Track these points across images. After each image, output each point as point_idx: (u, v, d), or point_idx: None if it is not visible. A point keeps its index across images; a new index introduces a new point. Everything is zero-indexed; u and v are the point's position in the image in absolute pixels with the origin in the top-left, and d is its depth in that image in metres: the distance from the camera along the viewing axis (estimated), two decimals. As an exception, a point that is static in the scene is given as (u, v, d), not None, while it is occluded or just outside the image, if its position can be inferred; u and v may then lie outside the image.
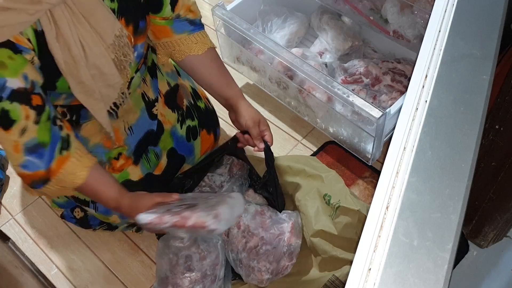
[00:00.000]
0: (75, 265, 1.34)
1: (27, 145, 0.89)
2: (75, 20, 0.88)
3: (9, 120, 0.85)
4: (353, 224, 1.18)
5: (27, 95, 0.86)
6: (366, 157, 1.39)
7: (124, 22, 0.99)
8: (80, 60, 0.92)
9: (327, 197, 1.23)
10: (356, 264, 0.55)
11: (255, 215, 1.19)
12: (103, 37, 0.94)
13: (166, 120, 1.27)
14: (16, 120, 0.85)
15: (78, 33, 0.89)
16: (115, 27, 0.95)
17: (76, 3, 0.87)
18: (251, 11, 1.64)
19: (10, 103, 0.84)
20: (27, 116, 0.86)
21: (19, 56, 0.83)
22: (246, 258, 1.15)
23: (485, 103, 0.65)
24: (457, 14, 0.77)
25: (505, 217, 1.10)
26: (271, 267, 1.14)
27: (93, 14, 0.90)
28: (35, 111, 0.88)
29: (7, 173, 1.53)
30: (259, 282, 1.16)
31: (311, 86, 1.37)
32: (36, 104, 0.88)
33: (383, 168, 0.63)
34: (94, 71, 0.96)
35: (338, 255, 1.17)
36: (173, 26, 1.11)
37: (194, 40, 1.14)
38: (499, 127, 0.94)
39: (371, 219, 0.58)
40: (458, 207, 0.57)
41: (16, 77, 0.83)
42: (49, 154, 0.92)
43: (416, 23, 1.34)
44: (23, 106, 0.85)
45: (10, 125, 0.86)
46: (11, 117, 0.85)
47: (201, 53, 1.14)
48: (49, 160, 0.92)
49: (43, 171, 0.92)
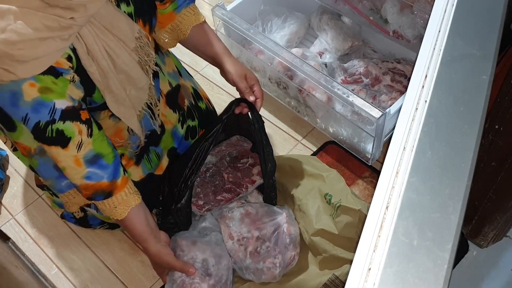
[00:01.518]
0: (75, 265, 1.34)
1: (86, 158, 0.94)
2: (100, 33, 0.92)
3: (65, 139, 0.90)
4: (354, 223, 1.18)
5: (76, 112, 0.91)
6: (366, 157, 1.39)
7: (142, 23, 1.03)
8: (108, 71, 0.96)
9: (328, 197, 1.23)
10: (356, 264, 0.55)
11: (242, 218, 1.19)
12: (126, 43, 0.98)
13: (168, 120, 1.27)
14: (71, 137, 0.91)
15: (104, 45, 0.93)
16: (134, 30, 0.99)
17: (97, 17, 0.91)
18: (251, 11, 1.64)
19: (63, 123, 0.89)
20: (80, 131, 0.92)
21: (60, 79, 0.87)
22: (252, 264, 1.15)
23: (485, 103, 0.65)
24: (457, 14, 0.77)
25: (505, 217, 1.10)
26: (278, 261, 1.14)
27: (114, 24, 0.94)
28: (86, 125, 0.93)
29: (7, 173, 1.53)
30: (273, 278, 1.16)
31: (311, 86, 1.37)
32: (85, 118, 0.93)
33: (383, 168, 0.63)
34: (122, 77, 1.00)
35: (339, 254, 1.17)
36: (176, 9, 1.14)
37: (192, 12, 1.16)
38: (498, 127, 0.94)
39: (371, 219, 0.58)
40: (458, 207, 0.57)
41: (63, 98, 0.88)
42: (113, 168, 0.98)
43: (416, 23, 1.34)
44: (74, 123, 0.90)
45: (67, 142, 0.91)
46: (67, 135, 0.90)
47: (202, 20, 1.17)
48: (112, 174, 0.98)
49: (107, 183, 0.97)
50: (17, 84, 0.82)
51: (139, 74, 1.04)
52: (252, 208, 1.21)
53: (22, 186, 1.51)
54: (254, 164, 1.30)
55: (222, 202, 1.25)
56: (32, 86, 0.83)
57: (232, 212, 1.20)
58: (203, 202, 1.25)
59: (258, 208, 1.21)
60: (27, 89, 0.83)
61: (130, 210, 1.02)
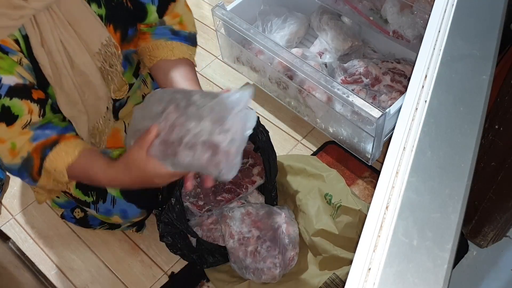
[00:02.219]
0: (75, 265, 1.34)
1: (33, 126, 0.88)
2: (60, 26, 0.87)
3: (12, 116, 0.85)
4: (354, 223, 1.18)
5: (27, 90, 0.86)
6: (366, 157, 1.39)
7: (112, 29, 0.98)
8: (62, 68, 0.90)
9: (328, 197, 1.23)
10: (356, 264, 0.55)
11: (243, 218, 1.19)
12: (89, 45, 0.93)
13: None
14: (19, 115, 0.85)
15: (63, 39, 0.89)
16: (103, 35, 0.94)
17: (62, 9, 0.86)
18: (251, 11, 1.64)
19: (9, 99, 0.84)
20: (30, 110, 0.86)
21: (6, 57, 0.83)
22: (252, 263, 1.15)
23: (485, 103, 0.65)
24: (456, 14, 0.77)
25: (504, 217, 1.10)
26: (278, 261, 1.15)
27: (80, 21, 0.89)
28: (38, 105, 0.87)
29: (7, 173, 1.54)
30: (273, 278, 1.16)
31: (311, 86, 1.37)
32: (37, 97, 0.87)
33: (382, 168, 0.63)
34: (80, 79, 0.94)
35: (339, 254, 1.17)
36: (153, 33, 1.05)
37: (170, 47, 1.04)
38: (498, 127, 0.94)
39: (370, 219, 0.58)
40: (458, 207, 0.57)
41: (12, 75, 0.83)
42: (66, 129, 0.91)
43: (416, 23, 1.34)
44: (24, 101, 0.85)
45: (14, 120, 0.85)
46: (13, 113, 0.85)
47: (173, 58, 1.03)
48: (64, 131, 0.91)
49: (55, 136, 0.89)
50: None
51: (99, 81, 0.97)
52: (252, 208, 1.21)
53: (22, 186, 1.51)
54: (254, 164, 1.30)
55: (222, 202, 1.25)
56: None
57: (233, 211, 1.20)
58: (203, 203, 1.26)
59: (258, 208, 1.21)
60: None
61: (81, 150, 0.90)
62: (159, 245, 1.35)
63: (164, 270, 1.31)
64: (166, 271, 1.31)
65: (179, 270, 1.30)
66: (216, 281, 1.23)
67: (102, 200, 1.17)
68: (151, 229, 1.38)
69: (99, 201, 1.17)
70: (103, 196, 1.17)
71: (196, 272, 1.27)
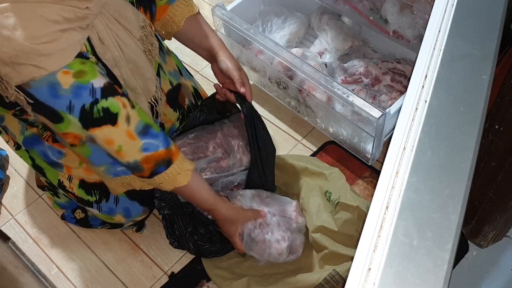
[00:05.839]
0: (75, 265, 1.34)
1: (137, 130, 0.93)
2: (109, 23, 0.93)
3: (113, 115, 0.89)
4: (353, 220, 1.19)
5: (113, 87, 0.91)
6: (366, 157, 1.39)
7: (143, 10, 1.04)
8: (120, 60, 0.97)
9: (328, 194, 1.24)
10: (356, 264, 0.55)
11: (253, 197, 1.18)
12: (132, 33, 0.99)
13: (167, 119, 1.27)
14: (118, 112, 0.90)
15: (114, 34, 0.95)
16: (140, 18, 1.01)
17: (106, 7, 0.92)
18: (251, 11, 1.64)
19: (105, 100, 0.88)
20: (123, 104, 0.91)
21: (87, 61, 0.87)
22: (259, 234, 1.13)
23: (485, 103, 0.65)
24: (457, 14, 0.77)
25: (505, 217, 1.10)
26: (287, 236, 1.14)
27: (122, 13, 0.95)
28: (125, 98, 0.92)
29: (7, 173, 1.53)
30: (279, 254, 1.14)
31: (311, 86, 1.37)
32: (121, 92, 0.93)
33: (383, 168, 0.63)
34: (131, 66, 1.01)
35: (339, 251, 1.17)
36: (169, 1, 1.13)
37: (185, 3, 1.16)
38: (498, 127, 0.94)
39: (371, 219, 0.58)
40: (458, 207, 0.57)
41: (98, 77, 0.88)
42: (163, 136, 0.97)
43: (416, 23, 1.34)
44: (116, 97, 0.90)
45: (116, 118, 0.90)
46: (113, 111, 0.89)
47: (196, 11, 1.17)
48: (165, 142, 0.97)
49: (164, 151, 0.96)
50: (52, 75, 0.82)
51: (146, 63, 1.04)
52: (261, 192, 1.20)
53: (22, 186, 1.51)
54: None
55: None
56: (66, 74, 0.84)
57: (244, 191, 1.20)
58: None
59: (269, 195, 1.21)
60: (63, 78, 0.83)
61: (192, 173, 1.01)
62: (159, 245, 1.35)
63: (164, 270, 1.31)
64: (166, 271, 1.31)
65: (179, 270, 1.30)
66: (216, 277, 1.23)
67: (105, 199, 1.18)
68: (151, 229, 1.38)
69: (102, 200, 1.18)
70: (106, 195, 1.17)
71: (196, 272, 1.27)
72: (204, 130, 1.28)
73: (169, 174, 0.99)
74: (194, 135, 1.26)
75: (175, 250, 1.32)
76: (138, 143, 0.93)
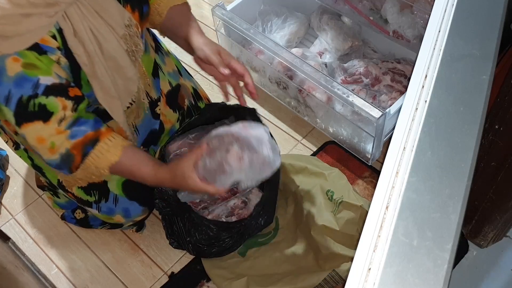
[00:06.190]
0: (75, 265, 1.34)
1: (67, 126, 0.91)
2: (88, 15, 0.90)
3: (47, 113, 0.88)
4: (355, 220, 1.18)
5: (63, 88, 0.89)
6: (366, 157, 1.39)
7: (130, 8, 1.01)
8: (94, 56, 0.94)
9: (329, 193, 1.24)
10: (356, 264, 0.55)
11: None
12: (115, 29, 0.96)
13: (167, 120, 1.27)
14: (54, 112, 0.89)
15: (92, 27, 0.92)
16: (125, 16, 0.98)
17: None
18: (251, 11, 1.64)
19: (45, 97, 0.87)
20: (64, 106, 0.89)
21: (44, 57, 0.86)
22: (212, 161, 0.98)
23: (485, 103, 0.65)
24: (457, 14, 0.77)
25: (504, 217, 1.10)
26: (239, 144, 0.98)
27: (104, 6, 0.93)
28: (73, 101, 0.90)
29: (7, 173, 1.53)
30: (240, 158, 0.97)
31: (311, 86, 1.37)
32: (74, 95, 0.91)
33: (383, 168, 0.63)
34: (110, 64, 0.98)
35: (339, 251, 1.17)
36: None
37: None
38: (498, 127, 0.94)
39: (371, 219, 0.58)
40: (458, 207, 0.57)
41: (49, 75, 0.86)
42: (94, 121, 0.95)
43: (416, 23, 1.34)
44: (59, 98, 0.88)
45: (49, 117, 0.89)
46: (49, 110, 0.88)
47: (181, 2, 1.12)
48: (95, 125, 0.95)
49: (92, 133, 0.94)
50: (1, 59, 0.81)
51: (127, 63, 1.01)
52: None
53: (22, 186, 1.51)
54: None
55: (218, 201, 1.25)
56: (15, 61, 0.82)
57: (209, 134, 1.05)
58: (199, 200, 1.26)
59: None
60: (11, 64, 0.82)
61: (123, 149, 0.96)
62: (159, 245, 1.35)
63: (164, 270, 1.31)
64: (166, 271, 1.31)
65: (179, 270, 1.30)
66: (216, 277, 1.23)
67: (104, 199, 1.18)
68: (151, 229, 1.38)
69: (101, 201, 1.18)
70: (105, 195, 1.17)
71: (196, 272, 1.27)
72: (204, 130, 1.28)
73: (97, 153, 0.94)
74: (194, 135, 1.26)
75: (175, 250, 1.32)
76: (65, 133, 0.91)
